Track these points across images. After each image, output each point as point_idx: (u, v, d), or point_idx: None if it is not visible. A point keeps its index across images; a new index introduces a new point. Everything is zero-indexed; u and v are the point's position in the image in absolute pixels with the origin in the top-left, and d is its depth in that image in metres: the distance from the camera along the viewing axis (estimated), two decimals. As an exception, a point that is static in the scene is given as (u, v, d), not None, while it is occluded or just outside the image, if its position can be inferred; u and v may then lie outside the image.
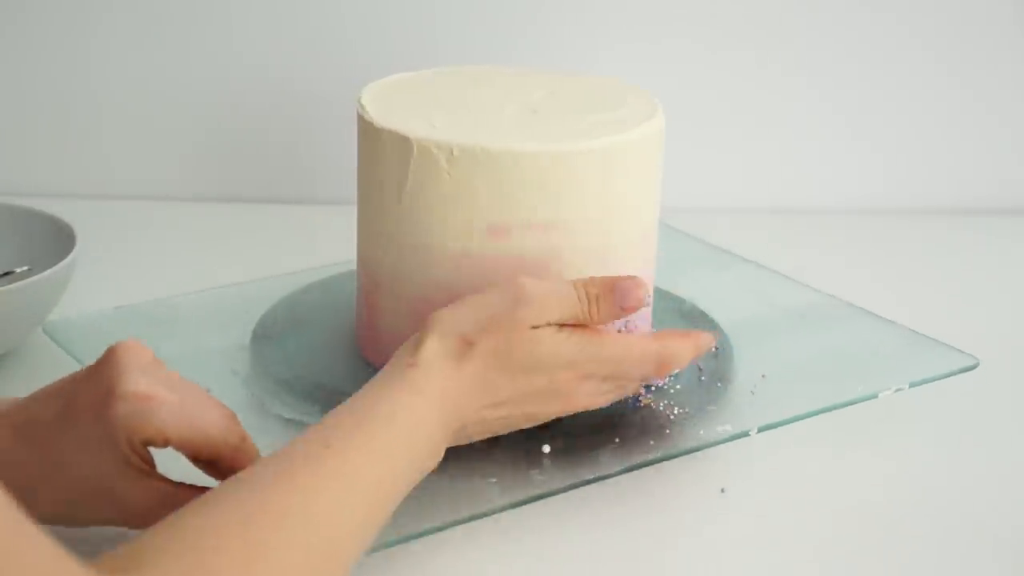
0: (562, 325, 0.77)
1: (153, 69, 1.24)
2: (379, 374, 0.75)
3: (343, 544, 0.66)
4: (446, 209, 0.84)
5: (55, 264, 0.94)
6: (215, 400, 0.74)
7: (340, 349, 0.93)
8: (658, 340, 0.80)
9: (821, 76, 1.26)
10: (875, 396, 0.87)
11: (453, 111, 0.88)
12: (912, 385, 0.89)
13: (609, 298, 0.78)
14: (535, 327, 0.76)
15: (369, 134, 0.87)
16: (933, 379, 0.90)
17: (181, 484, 0.73)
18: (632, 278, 0.79)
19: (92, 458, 0.71)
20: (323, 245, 1.11)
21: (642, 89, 0.93)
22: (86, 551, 0.56)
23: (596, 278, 0.79)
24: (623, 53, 1.24)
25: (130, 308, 0.97)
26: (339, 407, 0.72)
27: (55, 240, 0.99)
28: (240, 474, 0.67)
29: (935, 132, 1.28)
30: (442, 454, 0.74)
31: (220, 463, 0.73)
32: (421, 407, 0.73)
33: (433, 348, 0.75)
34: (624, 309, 0.78)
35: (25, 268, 0.99)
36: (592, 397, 0.79)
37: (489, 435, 0.78)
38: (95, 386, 0.71)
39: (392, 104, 0.89)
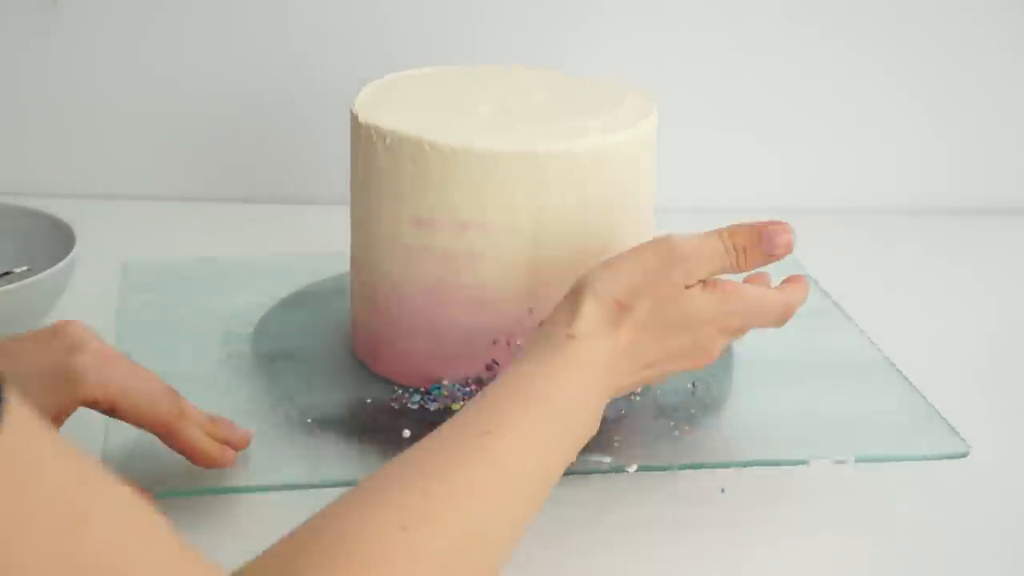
0: (706, 282, 0.77)
1: (157, 69, 1.24)
2: (533, 347, 0.74)
3: (504, 535, 0.65)
4: (381, 195, 0.87)
5: (55, 264, 0.94)
6: (157, 376, 0.78)
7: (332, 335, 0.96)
8: (782, 291, 0.80)
9: (818, 75, 1.26)
10: (805, 463, 0.84)
11: (432, 107, 0.90)
12: (859, 460, 0.84)
13: (756, 247, 0.78)
14: (687, 286, 0.76)
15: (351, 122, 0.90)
16: (887, 459, 0.85)
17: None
18: (777, 223, 0.79)
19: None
20: (331, 245, 1.10)
21: (643, 99, 0.92)
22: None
23: (741, 226, 0.78)
24: (628, 53, 1.24)
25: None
26: (494, 385, 0.71)
27: (55, 240, 0.99)
28: (393, 467, 0.65)
29: (934, 131, 1.28)
30: (599, 423, 0.74)
31: (159, 432, 0.77)
32: (582, 380, 0.72)
33: (591, 315, 0.74)
34: (772, 256, 0.78)
35: (24, 268, 0.99)
36: (720, 348, 0.80)
37: (625, 393, 0.79)
38: (46, 347, 0.75)
39: (381, 98, 0.91)
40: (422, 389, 0.88)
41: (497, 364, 0.87)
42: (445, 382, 0.88)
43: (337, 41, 1.23)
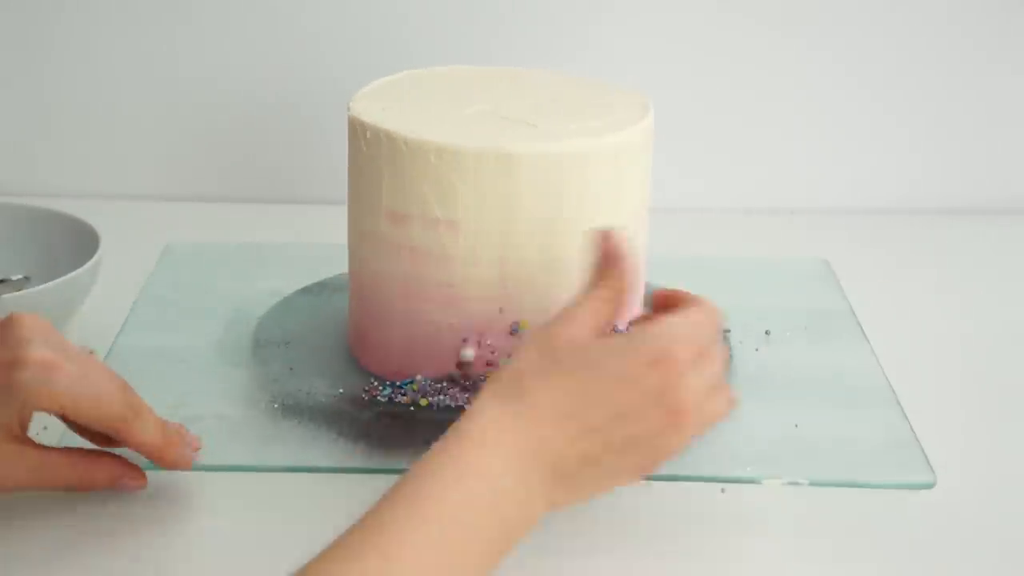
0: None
1: (158, 71, 1.25)
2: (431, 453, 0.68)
3: None
4: (360, 189, 0.88)
5: (78, 266, 0.93)
6: (111, 372, 0.76)
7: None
8: (695, 303, 0.73)
9: (818, 75, 1.26)
10: (758, 482, 0.82)
11: (422, 105, 0.90)
12: (813, 483, 0.82)
13: (612, 270, 0.73)
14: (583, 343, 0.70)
15: None
16: (842, 485, 0.82)
17: (51, 449, 0.75)
18: (601, 231, 0.74)
19: None
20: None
21: (638, 103, 0.91)
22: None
23: (591, 268, 0.74)
24: (630, 55, 1.24)
25: None
26: (394, 486, 0.66)
27: (76, 242, 0.99)
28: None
29: (933, 131, 1.27)
30: (538, 509, 0.67)
31: (112, 433, 0.75)
32: (482, 460, 0.66)
33: (485, 393, 0.69)
34: (623, 259, 0.73)
35: (20, 276, 1.00)
36: (699, 395, 0.70)
37: (613, 481, 0.70)
38: None
39: (377, 94, 0.92)
40: (396, 383, 0.89)
41: (470, 363, 0.88)
42: (418, 377, 0.89)
43: (344, 43, 1.24)
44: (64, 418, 0.75)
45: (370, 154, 0.87)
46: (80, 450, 0.77)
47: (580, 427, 0.68)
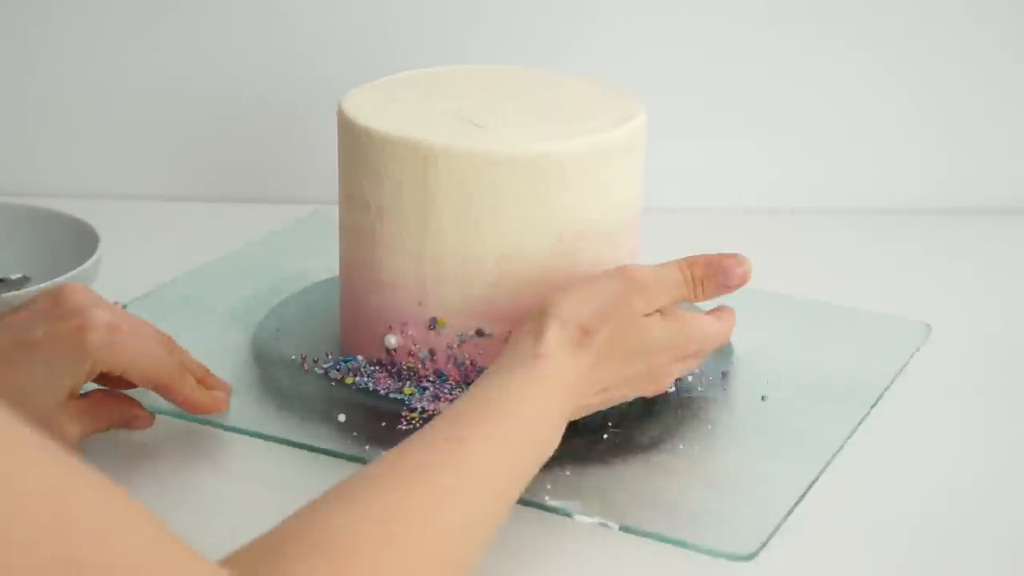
0: (663, 311, 0.80)
1: (157, 71, 1.25)
2: (501, 363, 0.76)
3: (475, 537, 0.67)
4: (340, 173, 0.91)
5: (77, 265, 0.93)
6: (155, 330, 0.82)
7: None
8: (720, 319, 0.83)
9: (818, 74, 1.26)
10: (569, 516, 0.78)
11: (404, 100, 0.92)
12: (623, 529, 0.77)
13: (714, 278, 0.81)
14: (646, 315, 0.79)
15: None
16: (652, 537, 0.76)
17: (84, 397, 0.79)
18: (733, 255, 0.81)
19: (37, 388, 0.76)
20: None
21: (625, 106, 0.90)
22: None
23: (699, 258, 0.81)
24: (627, 55, 1.24)
25: None
26: (464, 398, 0.73)
27: (76, 241, 0.99)
28: (373, 468, 0.67)
29: (933, 131, 1.28)
30: (558, 442, 0.76)
31: (161, 391, 0.81)
32: (547, 396, 0.74)
33: (556, 337, 0.76)
34: (727, 287, 0.81)
35: (19, 276, 1.00)
36: (674, 377, 0.82)
37: (582, 415, 0.80)
38: (55, 320, 0.77)
39: (372, 89, 0.93)
40: (340, 358, 0.92)
41: (395, 351, 0.89)
42: (359, 357, 0.91)
43: (344, 44, 1.24)
44: (120, 378, 0.79)
45: (341, 137, 0.90)
46: (98, 393, 0.81)
47: (604, 385, 0.79)
